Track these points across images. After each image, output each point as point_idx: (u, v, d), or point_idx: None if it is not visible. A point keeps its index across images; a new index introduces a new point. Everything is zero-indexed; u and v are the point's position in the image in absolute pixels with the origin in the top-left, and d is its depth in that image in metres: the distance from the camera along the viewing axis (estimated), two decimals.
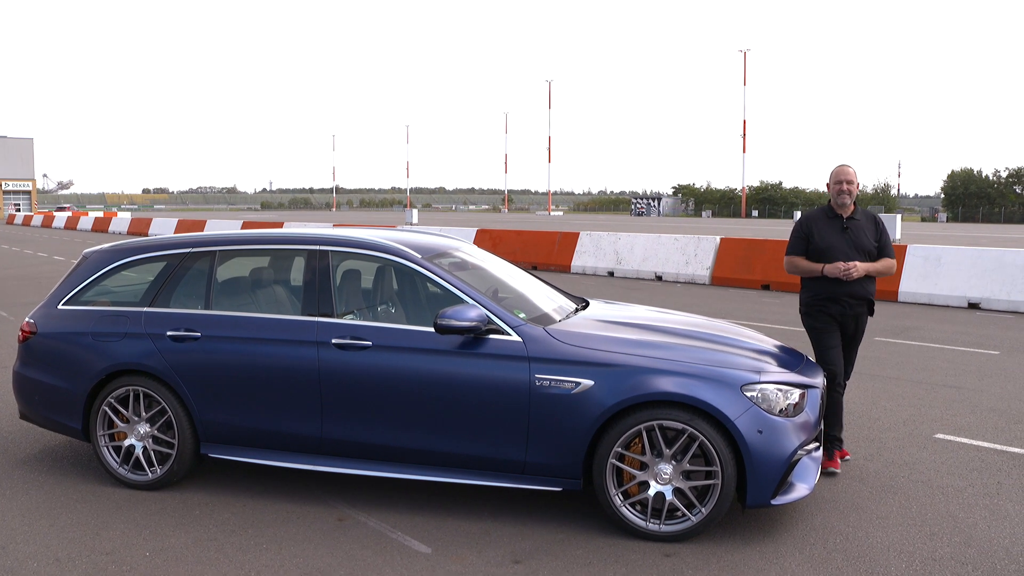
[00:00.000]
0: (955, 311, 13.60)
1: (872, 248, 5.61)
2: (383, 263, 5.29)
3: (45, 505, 5.00)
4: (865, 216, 5.73)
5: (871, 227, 5.68)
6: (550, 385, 4.52)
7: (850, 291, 5.59)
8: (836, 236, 5.60)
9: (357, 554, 4.33)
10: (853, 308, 5.62)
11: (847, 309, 5.60)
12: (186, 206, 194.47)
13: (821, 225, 5.68)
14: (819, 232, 5.64)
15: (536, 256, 21.76)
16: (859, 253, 5.56)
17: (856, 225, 5.64)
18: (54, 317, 5.59)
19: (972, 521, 4.77)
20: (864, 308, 5.69)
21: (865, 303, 5.68)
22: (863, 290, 5.63)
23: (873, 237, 5.63)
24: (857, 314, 5.67)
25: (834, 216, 5.66)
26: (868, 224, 5.69)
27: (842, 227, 5.62)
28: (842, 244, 5.57)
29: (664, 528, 4.45)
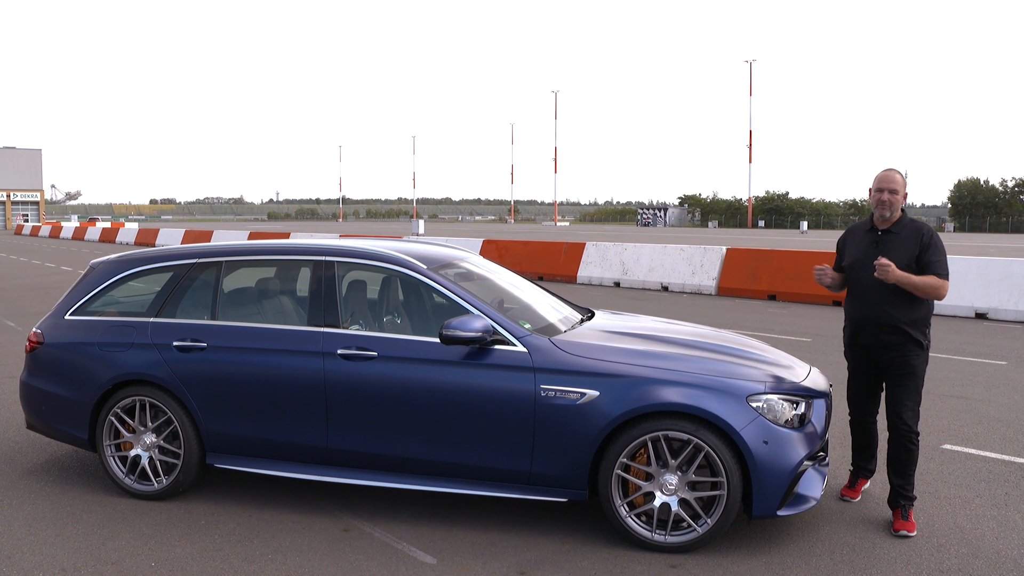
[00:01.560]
0: (962, 321, 13.57)
1: (907, 268, 4.77)
2: (389, 274, 5.30)
3: (51, 515, 5.01)
4: (911, 229, 4.86)
5: (912, 242, 4.81)
6: (555, 396, 4.52)
7: (875, 316, 4.84)
8: (863, 251, 4.94)
9: (362, 565, 4.33)
10: (882, 337, 4.83)
11: (876, 339, 4.86)
12: (193, 217, 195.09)
13: (855, 238, 5.07)
14: (850, 246, 5.08)
15: (542, 267, 21.77)
16: None
17: (892, 240, 4.86)
18: (61, 327, 5.61)
19: (980, 532, 4.75)
20: (900, 337, 4.79)
21: (898, 332, 4.79)
22: (889, 316, 4.79)
23: (912, 254, 4.78)
24: (890, 344, 4.82)
25: (871, 228, 4.98)
26: (910, 239, 4.82)
27: (874, 241, 4.92)
28: (868, 260, 4.86)
29: (670, 539, 4.44)
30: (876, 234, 4.93)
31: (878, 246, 4.88)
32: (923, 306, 4.84)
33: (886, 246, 4.86)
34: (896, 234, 4.88)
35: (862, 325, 4.94)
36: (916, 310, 4.82)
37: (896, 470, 4.82)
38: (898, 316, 4.80)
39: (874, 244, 4.91)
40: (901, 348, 4.81)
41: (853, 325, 5.02)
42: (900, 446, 4.79)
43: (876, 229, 4.95)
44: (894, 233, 4.88)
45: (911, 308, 4.81)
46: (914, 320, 4.82)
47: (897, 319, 4.80)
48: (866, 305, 4.91)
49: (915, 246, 4.80)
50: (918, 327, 4.83)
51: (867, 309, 4.90)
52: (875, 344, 4.89)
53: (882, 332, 4.84)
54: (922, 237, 4.82)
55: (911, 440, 4.77)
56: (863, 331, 4.94)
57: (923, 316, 4.85)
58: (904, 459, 4.79)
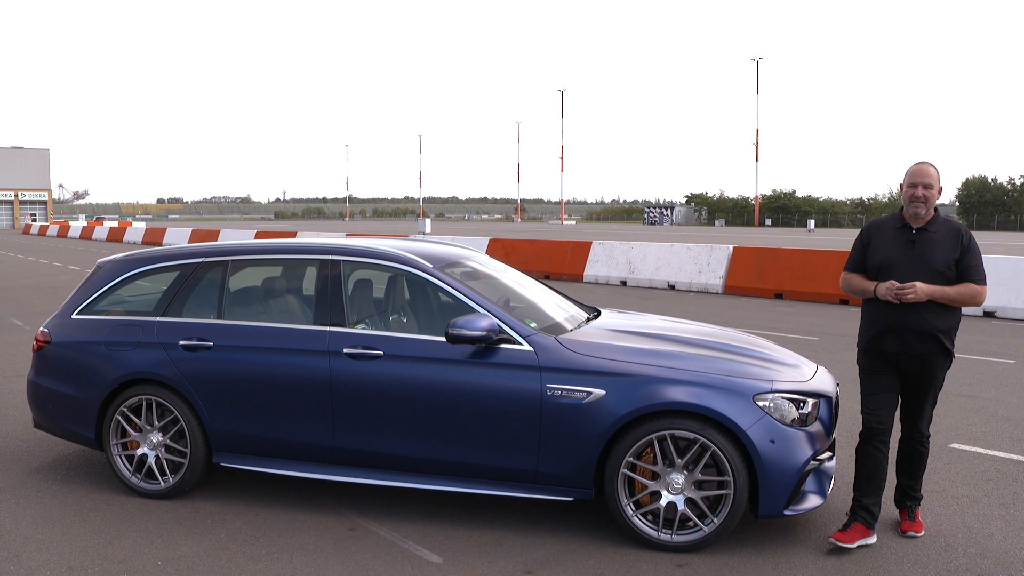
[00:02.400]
0: (971, 319, 13.51)
1: (947, 269, 4.42)
2: (395, 273, 5.30)
3: (58, 514, 5.02)
4: (946, 228, 4.48)
5: (951, 242, 4.44)
6: (561, 395, 4.51)
7: (907, 322, 4.44)
8: (899, 250, 4.51)
9: (368, 564, 4.33)
10: (912, 346, 4.47)
11: (905, 347, 4.49)
12: (200, 216, 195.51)
13: (885, 235, 4.61)
14: (879, 243, 4.60)
15: (548, 265, 21.76)
16: (926, 274, 4.41)
17: (929, 239, 4.46)
18: (68, 326, 5.62)
19: (988, 532, 4.73)
20: (932, 346, 4.47)
21: (932, 340, 4.47)
22: (924, 322, 4.43)
23: (952, 256, 4.43)
24: (921, 354, 4.49)
25: (903, 226, 4.55)
26: (948, 239, 4.45)
27: (909, 240, 4.50)
28: (905, 261, 4.46)
29: (676, 538, 4.43)
30: (911, 232, 4.51)
31: (915, 246, 4.48)
32: (957, 313, 4.54)
33: (923, 246, 4.47)
34: (933, 233, 4.48)
35: (891, 331, 4.50)
36: (951, 318, 4.52)
37: (906, 471, 4.73)
38: (935, 324, 4.45)
39: (910, 243, 4.49)
40: (930, 358, 4.50)
41: (879, 330, 4.55)
42: (913, 451, 4.69)
43: (909, 227, 4.53)
44: (930, 232, 4.48)
45: (947, 315, 4.49)
46: (948, 328, 4.51)
47: (933, 327, 4.44)
48: (899, 310, 4.46)
49: (955, 248, 4.44)
50: (950, 336, 4.53)
51: (900, 315, 4.46)
52: (903, 352, 4.50)
53: (915, 340, 4.46)
54: (962, 238, 4.46)
55: (923, 444, 4.68)
56: (891, 338, 4.51)
57: (956, 324, 4.55)
58: (916, 461, 4.70)
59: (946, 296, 4.39)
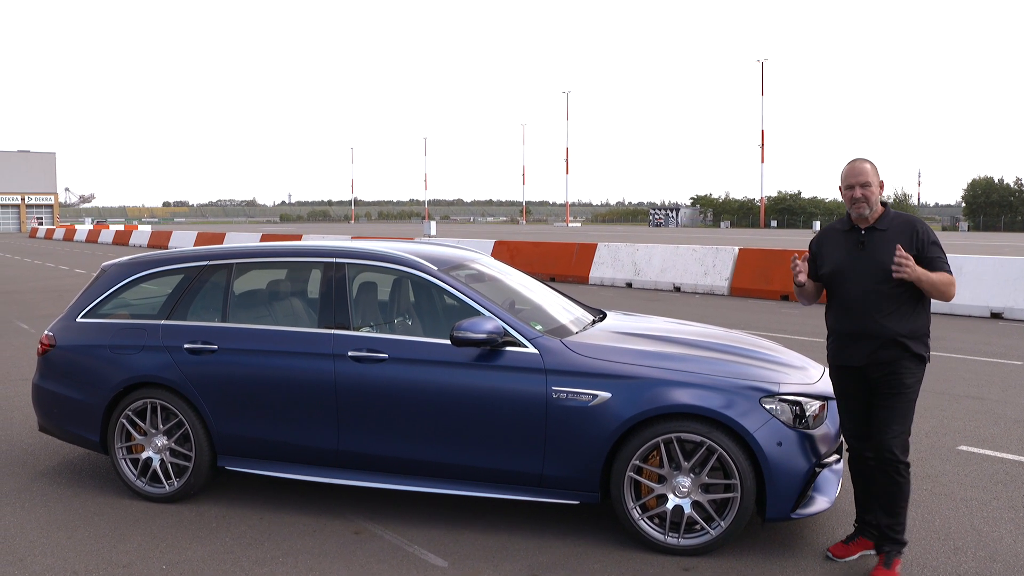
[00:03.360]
0: (977, 321, 13.46)
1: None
2: (399, 275, 5.29)
3: (63, 517, 5.01)
4: (899, 224, 4.18)
5: (906, 239, 4.12)
6: (567, 397, 4.49)
7: (867, 330, 4.14)
8: (847, 256, 4.23)
9: (373, 568, 4.31)
10: (871, 353, 4.14)
11: (859, 356, 4.18)
12: (206, 219, 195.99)
13: (833, 241, 4.34)
14: (828, 251, 4.34)
15: (554, 268, 21.74)
16: (882, 278, 4.10)
17: (880, 238, 4.17)
18: (73, 330, 5.62)
19: (997, 535, 4.70)
20: (895, 352, 4.10)
21: (894, 347, 4.10)
22: (884, 329, 4.10)
23: (911, 252, 4.08)
24: (879, 360, 4.13)
25: (851, 228, 4.27)
26: (901, 235, 4.13)
27: (858, 242, 4.22)
28: (855, 265, 4.19)
29: (683, 542, 4.41)
30: (859, 234, 4.23)
31: (864, 247, 4.19)
32: (923, 314, 4.18)
33: (874, 247, 4.17)
34: (883, 231, 4.18)
35: (850, 340, 4.22)
36: (916, 319, 4.15)
37: (883, 506, 4.18)
38: (895, 327, 4.11)
39: (859, 245, 4.21)
40: (895, 364, 4.11)
41: (839, 341, 4.29)
42: (886, 477, 4.13)
43: (857, 228, 4.25)
44: (880, 230, 4.19)
45: (910, 317, 4.14)
46: (914, 331, 4.14)
47: (894, 331, 4.11)
48: (854, 317, 4.20)
49: (910, 243, 4.11)
50: (919, 339, 4.16)
51: (856, 322, 4.19)
52: (865, 362, 4.17)
53: (876, 348, 4.13)
54: (917, 232, 4.15)
55: (898, 471, 4.09)
56: (850, 347, 4.22)
57: (923, 325, 4.19)
58: (891, 492, 4.12)
59: (930, 280, 4.04)
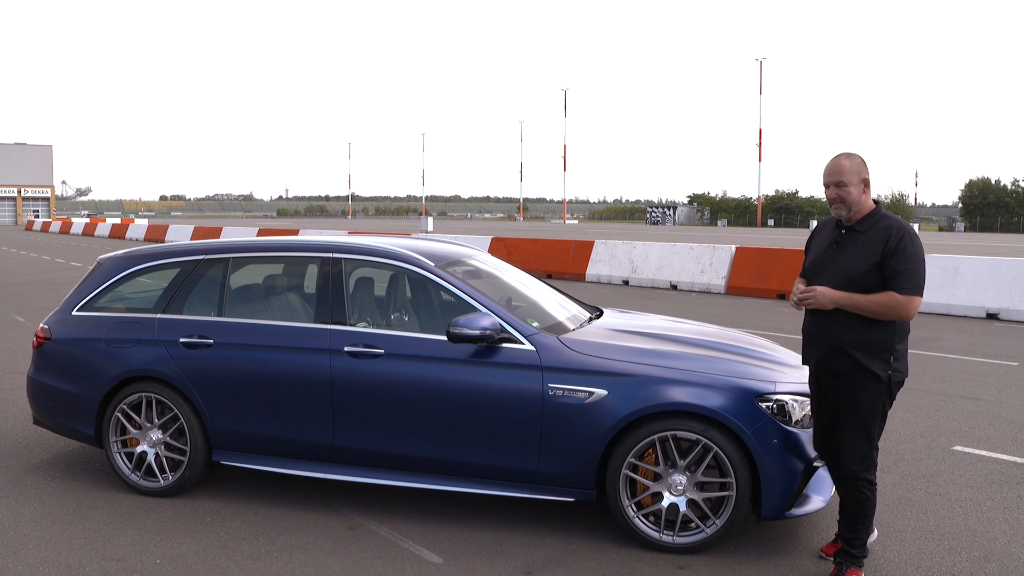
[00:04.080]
0: (973, 322, 13.48)
1: (864, 276, 3.86)
2: (396, 271, 5.28)
3: (57, 511, 5.00)
4: (878, 229, 3.89)
5: (877, 245, 3.85)
6: (563, 395, 4.48)
7: (819, 334, 4.00)
8: (823, 251, 4.08)
9: (368, 563, 4.30)
10: (825, 360, 3.98)
11: (820, 364, 4.03)
12: (203, 213, 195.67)
13: (820, 235, 4.21)
14: (813, 244, 4.22)
15: (551, 264, 21.74)
16: (841, 280, 3.89)
17: (853, 240, 3.94)
18: (68, 323, 5.60)
19: (991, 535, 4.70)
20: (846, 364, 3.89)
21: (844, 357, 3.89)
22: (833, 336, 3.92)
23: (871, 260, 3.85)
24: (833, 370, 3.96)
25: (837, 224, 4.09)
26: (874, 241, 3.87)
27: (835, 240, 4.03)
28: (825, 264, 4.02)
29: (678, 540, 4.41)
30: (840, 232, 4.03)
31: (838, 248, 4.00)
32: (884, 328, 3.87)
33: (845, 248, 3.96)
34: (861, 233, 3.94)
35: (806, 341, 4.10)
36: (872, 330, 3.86)
37: (844, 519, 4.05)
38: (845, 337, 3.89)
39: (834, 245, 4.02)
40: (848, 378, 3.90)
41: (804, 342, 4.16)
42: (845, 491, 3.99)
43: (841, 227, 4.05)
44: (858, 232, 3.95)
45: (865, 328, 3.86)
46: (868, 344, 3.86)
47: (843, 341, 3.89)
48: (811, 317, 4.06)
49: (878, 251, 3.84)
50: (874, 353, 3.87)
51: (811, 322, 4.05)
52: (816, 367, 4.05)
53: (828, 355, 3.95)
54: (888, 240, 3.83)
55: (857, 487, 3.94)
56: (807, 349, 4.12)
57: (882, 339, 3.87)
58: (850, 507, 3.99)
59: (856, 305, 3.81)
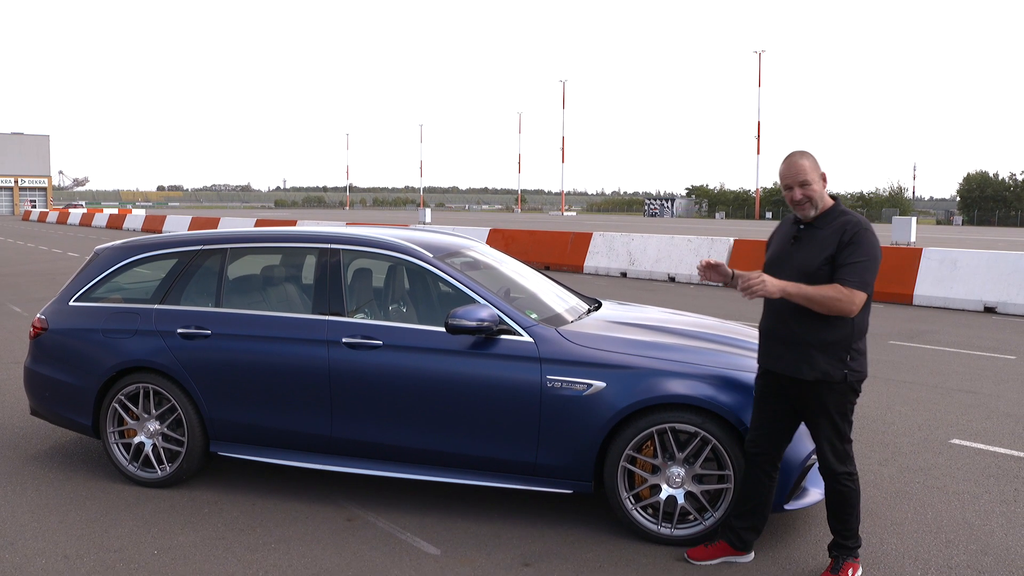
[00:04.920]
0: (971, 315, 13.49)
1: (818, 270, 3.82)
2: (394, 262, 5.26)
3: (55, 501, 4.99)
4: (836, 224, 3.86)
5: (832, 241, 3.83)
6: (562, 386, 4.48)
7: (775, 329, 3.96)
8: (781, 247, 4.05)
9: (366, 555, 4.30)
10: (781, 358, 3.91)
11: (775, 362, 3.96)
12: (200, 204, 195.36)
13: (780, 232, 4.17)
14: (773, 241, 4.19)
15: (549, 256, 21.72)
16: (798, 276, 3.83)
17: (812, 236, 3.91)
18: (65, 313, 5.59)
19: (989, 528, 4.71)
20: (804, 364, 3.82)
21: (803, 356, 3.83)
22: (790, 331, 3.87)
23: (826, 253, 3.82)
24: (791, 368, 3.88)
25: (796, 220, 4.05)
26: (830, 236, 3.84)
27: (793, 236, 4.01)
28: (783, 261, 3.98)
29: (676, 532, 4.41)
30: (798, 228, 4.00)
31: (795, 243, 3.96)
32: (844, 325, 3.81)
33: (803, 244, 3.93)
34: (819, 229, 3.89)
35: (765, 340, 4.04)
36: (832, 329, 3.80)
37: (832, 513, 4.03)
38: (805, 335, 3.82)
39: (792, 241, 3.99)
40: (808, 376, 3.83)
41: (760, 340, 4.12)
42: (829, 488, 3.99)
43: (800, 223, 4.01)
44: (816, 228, 3.91)
45: (824, 326, 3.80)
46: (827, 343, 3.80)
47: (803, 338, 3.83)
48: (770, 315, 3.99)
49: (833, 244, 3.81)
50: (833, 353, 3.81)
51: (770, 320, 3.99)
52: (776, 366, 3.95)
53: (786, 353, 3.89)
54: (844, 233, 3.80)
55: (839, 481, 3.93)
56: (764, 347, 4.04)
57: (842, 338, 3.81)
58: (837, 502, 3.98)
59: (803, 295, 3.73)
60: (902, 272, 14.99)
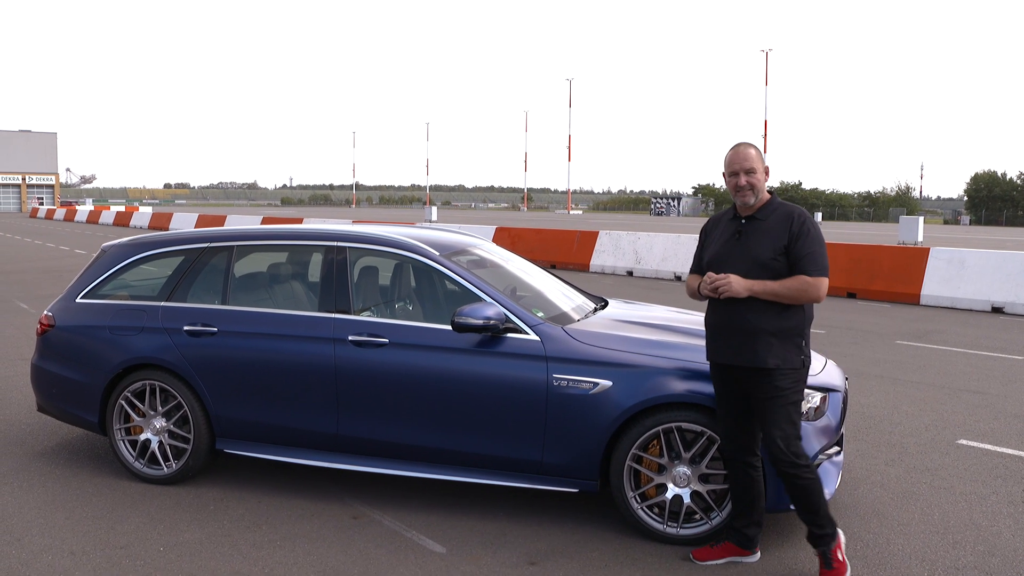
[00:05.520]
0: (978, 315, 13.44)
1: (772, 261, 3.87)
2: (401, 260, 5.26)
3: (61, 498, 5.00)
4: (779, 215, 3.94)
5: (780, 231, 3.90)
6: (568, 385, 4.47)
7: (731, 323, 3.94)
8: (726, 244, 4.02)
9: (371, 553, 4.30)
10: (741, 352, 3.91)
11: (734, 354, 3.94)
12: (207, 201, 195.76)
13: (718, 229, 4.15)
14: (712, 239, 4.15)
15: (555, 255, 21.71)
16: (751, 268, 3.89)
17: (756, 228, 3.95)
18: (72, 310, 5.60)
19: (996, 530, 4.69)
20: (762, 348, 3.85)
21: (762, 346, 3.85)
22: (747, 322, 3.88)
23: (779, 244, 3.88)
24: (748, 360, 3.89)
25: (734, 216, 4.08)
26: (778, 226, 3.92)
27: (736, 231, 4.01)
28: (730, 255, 3.97)
29: (682, 531, 4.40)
30: (740, 223, 4.03)
31: (741, 237, 3.98)
32: (798, 313, 3.90)
33: (749, 237, 3.96)
34: (762, 221, 3.96)
35: (719, 334, 4.01)
36: (788, 317, 3.88)
37: (800, 508, 4.02)
38: (761, 323, 3.86)
39: (736, 235, 4.00)
40: (765, 364, 3.86)
41: (710, 334, 4.10)
42: (787, 481, 3.95)
43: (740, 217, 4.04)
44: (759, 220, 3.96)
45: (781, 314, 3.87)
46: (784, 330, 3.87)
47: (760, 327, 3.86)
48: (723, 309, 3.97)
49: (783, 235, 3.89)
50: (790, 340, 3.89)
51: (724, 314, 3.96)
52: (735, 361, 3.95)
53: (742, 344, 3.90)
54: (792, 223, 3.89)
55: (798, 475, 3.90)
56: (719, 341, 4.02)
57: (796, 325, 3.90)
58: (799, 496, 3.95)
59: (770, 291, 3.82)
60: (909, 272, 14.94)
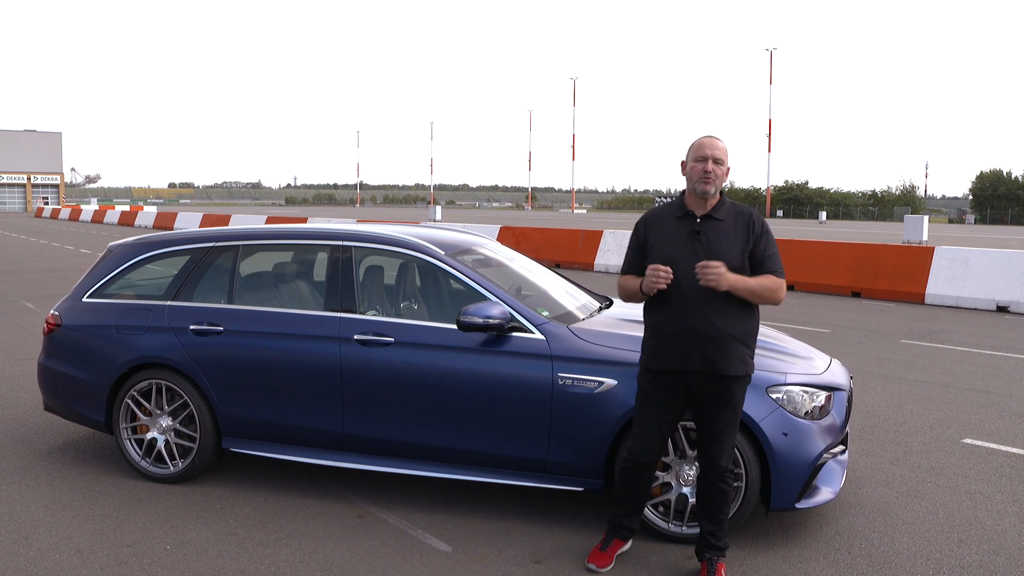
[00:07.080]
0: (983, 314, 13.42)
1: (738, 262, 3.76)
2: (406, 259, 5.27)
3: (68, 496, 5.02)
4: (735, 215, 3.85)
5: (741, 231, 3.81)
6: (573, 384, 4.48)
7: (696, 330, 3.75)
8: (681, 244, 3.81)
9: (377, 551, 4.31)
10: (704, 359, 3.77)
11: (695, 362, 3.78)
12: (211, 201, 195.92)
13: (663, 228, 3.90)
14: (658, 238, 3.89)
15: (559, 254, 21.71)
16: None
17: (716, 228, 3.81)
18: (78, 309, 5.62)
19: (1001, 528, 4.69)
20: (726, 354, 3.75)
21: (728, 352, 3.76)
22: (715, 328, 3.74)
23: (743, 245, 3.80)
24: (710, 365, 3.76)
25: (684, 214, 3.87)
26: (738, 227, 3.81)
27: (693, 230, 3.82)
28: (689, 255, 3.76)
29: (687, 530, 4.40)
30: (695, 221, 3.83)
31: (700, 237, 3.80)
32: (755, 315, 3.87)
33: (710, 237, 3.79)
34: (720, 221, 3.82)
35: (677, 341, 3.79)
36: (748, 320, 3.83)
37: (708, 514, 3.97)
38: (727, 328, 3.75)
39: (694, 235, 3.81)
40: (726, 371, 3.77)
41: (663, 341, 3.85)
42: (714, 488, 3.90)
43: (692, 215, 3.85)
44: (717, 220, 3.82)
45: (743, 318, 3.80)
46: (745, 334, 3.82)
47: (726, 332, 3.75)
48: (685, 315, 3.77)
49: (746, 236, 3.79)
50: (748, 344, 3.84)
51: (686, 320, 3.76)
52: (692, 366, 3.79)
53: (705, 350, 3.75)
54: (753, 225, 3.82)
55: (725, 480, 3.91)
56: (676, 349, 3.80)
57: (753, 329, 3.88)
58: (717, 501, 3.93)
59: (748, 288, 3.72)
60: (914, 271, 14.93)
